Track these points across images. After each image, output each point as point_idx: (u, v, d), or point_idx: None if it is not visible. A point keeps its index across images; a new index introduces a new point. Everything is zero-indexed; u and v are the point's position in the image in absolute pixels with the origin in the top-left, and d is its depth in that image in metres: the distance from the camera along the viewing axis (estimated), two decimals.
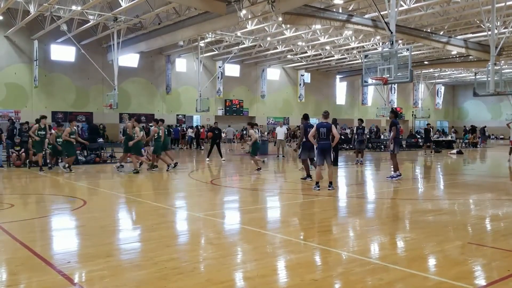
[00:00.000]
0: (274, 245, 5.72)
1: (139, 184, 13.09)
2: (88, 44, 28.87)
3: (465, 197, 9.93)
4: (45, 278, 4.37)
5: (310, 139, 10.91)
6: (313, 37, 30.45)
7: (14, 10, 25.63)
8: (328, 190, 10.16)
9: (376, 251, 5.56)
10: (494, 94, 20.61)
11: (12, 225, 6.85)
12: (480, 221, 7.39)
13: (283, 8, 19.90)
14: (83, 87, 31.48)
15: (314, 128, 10.61)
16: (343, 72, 45.94)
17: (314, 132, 10.56)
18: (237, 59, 37.14)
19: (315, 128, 10.57)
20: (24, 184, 12.53)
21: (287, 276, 4.59)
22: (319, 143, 10.38)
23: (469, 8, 23.88)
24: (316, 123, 10.78)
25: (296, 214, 8.16)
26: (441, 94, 55.44)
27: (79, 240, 6.18)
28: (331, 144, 10.42)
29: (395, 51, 14.77)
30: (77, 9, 22.56)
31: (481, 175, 15.27)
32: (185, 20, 24.23)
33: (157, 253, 5.22)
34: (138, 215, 8.05)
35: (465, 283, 4.23)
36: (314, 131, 10.60)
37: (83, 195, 9.89)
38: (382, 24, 17.51)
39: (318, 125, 10.50)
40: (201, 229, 6.84)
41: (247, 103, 40.12)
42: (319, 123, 10.59)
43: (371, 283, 4.26)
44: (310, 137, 10.81)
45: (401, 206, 9.03)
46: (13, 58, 28.87)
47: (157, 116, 34.84)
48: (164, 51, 34.35)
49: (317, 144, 10.62)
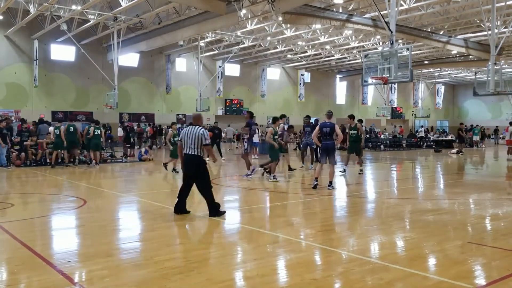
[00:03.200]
0: (274, 244, 5.72)
1: (139, 183, 13.11)
2: (88, 43, 28.85)
3: (466, 196, 9.93)
4: (45, 278, 4.38)
5: (314, 139, 10.93)
6: (313, 37, 30.43)
7: (14, 9, 25.60)
8: (328, 189, 10.17)
9: (376, 250, 5.56)
10: (494, 93, 20.59)
11: (12, 224, 6.85)
12: (480, 220, 7.39)
13: (283, 8, 19.89)
14: (83, 86, 31.46)
15: (318, 128, 10.63)
16: (343, 71, 45.90)
17: (318, 132, 10.58)
18: (237, 59, 37.10)
19: (318, 128, 10.59)
20: (24, 184, 12.53)
21: (287, 276, 4.59)
22: (323, 143, 10.41)
23: (469, 8, 23.86)
24: (320, 123, 10.80)
25: (296, 213, 8.17)
26: (441, 94, 55.40)
27: (79, 239, 6.18)
28: (334, 143, 10.44)
29: (395, 50, 14.77)
30: (77, 8, 22.55)
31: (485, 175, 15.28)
32: (185, 20, 24.22)
33: (157, 252, 5.22)
34: (138, 215, 8.06)
35: (465, 282, 4.23)
36: (317, 130, 10.61)
37: (83, 195, 9.88)
38: (382, 23, 17.49)
39: (321, 125, 10.52)
40: (201, 229, 6.84)
41: (247, 103, 40.08)
42: (322, 123, 10.61)
43: (371, 283, 4.26)
44: (314, 137, 10.84)
45: (401, 205, 9.03)
46: (13, 57, 28.85)
47: (157, 116, 34.96)
48: (164, 51, 34.32)
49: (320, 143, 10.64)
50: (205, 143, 7.21)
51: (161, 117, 35.20)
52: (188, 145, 7.19)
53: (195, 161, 7.21)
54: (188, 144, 7.19)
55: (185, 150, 7.27)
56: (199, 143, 7.16)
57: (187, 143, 7.21)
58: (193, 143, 7.15)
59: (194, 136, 7.16)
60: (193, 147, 7.16)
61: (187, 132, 7.27)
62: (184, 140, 7.26)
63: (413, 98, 52.61)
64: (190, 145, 7.17)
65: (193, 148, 7.16)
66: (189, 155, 7.21)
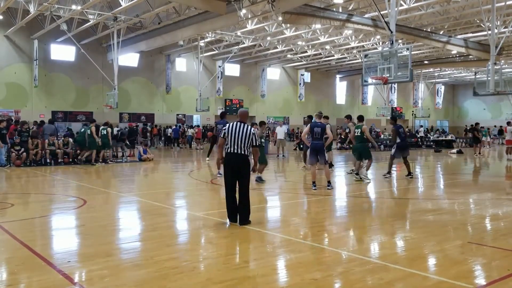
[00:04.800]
0: (274, 244, 5.72)
1: (139, 183, 13.11)
2: (88, 43, 28.86)
3: (466, 196, 9.93)
4: (45, 278, 4.37)
5: (303, 139, 10.96)
6: (313, 37, 30.44)
7: (14, 9, 25.62)
8: (327, 189, 10.17)
9: (376, 250, 5.56)
10: (494, 93, 20.59)
11: (12, 224, 6.85)
12: (480, 220, 7.39)
13: (283, 8, 19.89)
14: (83, 86, 31.46)
15: (308, 127, 10.62)
16: (343, 71, 45.93)
17: (308, 132, 10.57)
18: (237, 59, 37.12)
19: (308, 128, 10.58)
20: (24, 184, 12.53)
21: (287, 276, 4.59)
22: (312, 143, 10.38)
23: (469, 8, 23.87)
24: (311, 123, 10.79)
25: (296, 213, 8.16)
26: (441, 94, 55.41)
27: (79, 239, 6.18)
28: (323, 144, 10.44)
29: (395, 50, 14.78)
30: (77, 8, 22.56)
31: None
32: (185, 20, 24.23)
33: (157, 252, 5.22)
34: (138, 215, 8.05)
35: (465, 282, 4.23)
36: (308, 130, 10.61)
37: (83, 195, 9.88)
38: (382, 23, 17.50)
39: (312, 125, 10.50)
40: (201, 229, 6.84)
41: (247, 103, 40.09)
42: (313, 123, 10.59)
43: (371, 283, 4.26)
44: (303, 137, 10.88)
45: (401, 205, 9.03)
46: (13, 57, 28.86)
47: (157, 116, 34.95)
48: (164, 51, 34.33)
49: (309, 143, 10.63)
50: (255, 144, 6.73)
51: (161, 117, 35.22)
52: (235, 143, 6.61)
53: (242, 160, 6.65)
54: (235, 142, 6.61)
55: (229, 149, 6.68)
56: (249, 143, 6.65)
57: (234, 141, 6.62)
58: (242, 142, 6.61)
59: (244, 135, 6.62)
60: (242, 146, 6.61)
61: (234, 129, 6.67)
62: (231, 137, 6.66)
63: (413, 98, 52.62)
64: (238, 144, 6.60)
65: (241, 148, 6.61)
66: (236, 154, 6.63)
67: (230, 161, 6.67)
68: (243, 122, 6.79)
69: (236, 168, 6.64)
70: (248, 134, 6.63)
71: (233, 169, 6.66)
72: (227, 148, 6.71)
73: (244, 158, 6.64)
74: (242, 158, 6.62)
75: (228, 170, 6.72)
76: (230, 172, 6.69)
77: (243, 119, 6.87)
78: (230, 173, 6.69)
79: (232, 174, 6.68)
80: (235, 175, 6.67)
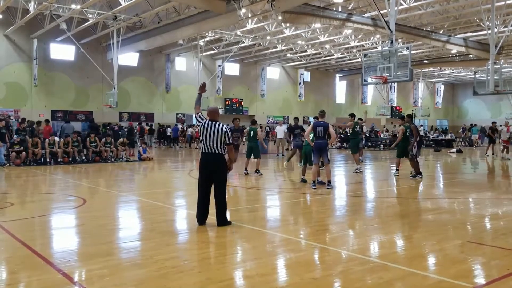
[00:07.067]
0: (274, 243, 5.72)
1: (139, 182, 13.11)
2: (88, 43, 28.84)
3: (465, 196, 9.93)
4: (45, 277, 4.37)
5: (306, 137, 10.96)
6: (312, 36, 30.43)
7: (14, 9, 25.59)
8: (327, 189, 10.17)
9: (376, 249, 5.56)
10: (494, 93, 20.61)
11: (12, 223, 6.84)
12: (480, 219, 7.39)
13: (282, 7, 19.89)
14: (82, 86, 31.43)
15: (311, 127, 10.62)
16: (342, 71, 45.90)
17: (311, 130, 10.57)
18: (237, 58, 37.08)
19: (311, 127, 10.58)
20: (24, 183, 12.52)
21: (287, 275, 4.59)
22: (316, 142, 10.38)
23: (469, 7, 23.87)
24: (313, 122, 10.79)
25: (295, 212, 8.17)
26: (441, 93, 55.40)
27: (78, 238, 6.17)
28: (327, 143, 10.44)
29: (394, 50, 14.79)
30: (77, 7, 22.53)
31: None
32: (184, 19, 24.21)
33: (156, 251, 5.22)
34: (138, 214, 8.05)
35: (465, 281, 4.23)
36: (310, 129, 10.61)
37: (83, 194, 9.88)
38: (382, 23, 17.48)
39: (315, 124, 10.50)
40: (201, 228, 6.82)
41: (247, 102, 40.08)
42: (315, 122, 10.59)
43: (370, 282, 4.26)
44: (306, 135, 10.88)
45: (400, 204, 9.03)
46: (13, 57, 28.82)
47: (157, 115, 34.94)
48: (164, 50, 34.31)
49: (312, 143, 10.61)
50: (229, 142, 6.47)
51: (161, 117, 35.20)
52: (208, 143, 6.43)
53: (216, 160, 6.46)
54: (208, 142, 6.43)
55: (204, 149, 6.51)
56: (222, 141, 6.43)
57: (208, 141, 6.44)
58: (215, 142, 6.41)
59: (217, 133, 6.40)
60: (215, 145, 6.42)
61: (206, 128, 6.45)
62: (204, 137, 6.46)
63: (412, 97, 52.62)
64: (211, 143, 6.41)
65: (215, 147, 6.42)
66: (209, 154, 6.45)
67: (204, 161, 6.49)
68: (215, 121, 6.54)
69: (211, 168, 6.44)
70: (221, 133, 6.39)
71: (208, 169, 6.45)
72: (202, 149, 6.56)
73: (218, 157, 6.44)
74: (216, 158, 6.43)
75: (203, 170, 6.52)
76: (206, 172, 6.48)
77: (213, 117, 6.60)
78: (206, 173, 6.48)
79: (207, 175, 6.47)
80: (210, 176, 6.46)
